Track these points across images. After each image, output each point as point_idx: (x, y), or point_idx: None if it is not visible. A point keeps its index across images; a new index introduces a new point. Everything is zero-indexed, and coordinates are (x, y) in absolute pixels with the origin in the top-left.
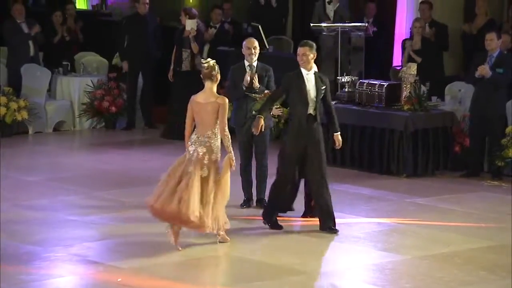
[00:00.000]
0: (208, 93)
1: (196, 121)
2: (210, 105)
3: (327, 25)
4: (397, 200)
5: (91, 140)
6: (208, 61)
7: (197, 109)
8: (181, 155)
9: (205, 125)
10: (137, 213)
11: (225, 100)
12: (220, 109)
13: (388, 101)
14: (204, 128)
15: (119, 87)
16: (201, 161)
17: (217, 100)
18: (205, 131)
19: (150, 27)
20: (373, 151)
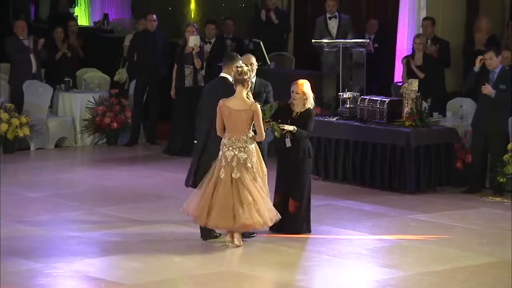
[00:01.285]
0: (240, 98)
1: (227, 125)
2: (244, 112)
3: (329, 41)
4: (399, 216)
5: (92, 156)
6: (242, 66)
7: (227, 114)
8: (180, 171)
9: (239, 130)
10: (139, 229)
11: (258, 107)
12: (255, 116)
13: (389, 117)
14: (237, 132)
15: (120, 103)
16: (244, 165)
17: (251, 108)
18: (240, 135)
19: (159, 44)
20: (375, 167)
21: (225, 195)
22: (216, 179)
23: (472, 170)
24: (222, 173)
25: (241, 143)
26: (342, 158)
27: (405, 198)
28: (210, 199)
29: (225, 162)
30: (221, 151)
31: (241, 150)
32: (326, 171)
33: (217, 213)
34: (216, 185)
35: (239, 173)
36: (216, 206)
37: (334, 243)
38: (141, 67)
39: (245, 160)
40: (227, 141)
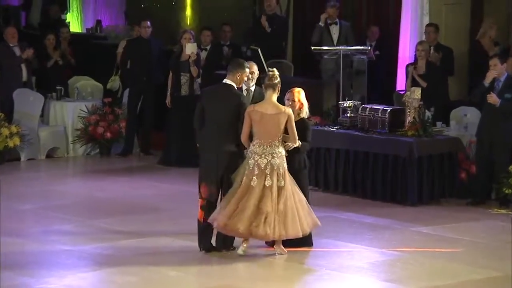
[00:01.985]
0: (271, 103)
1: (258, 131)
2: (278, 117)
3: (329, 48)
4: (401, 229)
5: (85, 167)
6: (273, 70)
7: (258, 119)
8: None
9: (270, 135)
10: (133, 242)
11: (291, 111)
12: (289, 121)
13: (391, 126)
14: (269, 137)
15: (114, 112)
16: (277, 172)
17: (285, 111)
18: (272, 140)
19: (153, 51)
20: (377, 178)
21: (254, 203)
22: (246, 187)
23: (476, 181)
24: (254, 181)
25: (273, 149)
26: (342, 169)
27: (407, 210)
28: (236, 204)
29: (258, 171)
30: (251, 159)
31: (274, 156)
32: (326, 182)
33: (241, 219)
34: (245, 194)
35: (271, 180)
36: (243, 212)
37: (334, 256)
38: (135, 75)
39: (278, 166)
40: (258, 148)
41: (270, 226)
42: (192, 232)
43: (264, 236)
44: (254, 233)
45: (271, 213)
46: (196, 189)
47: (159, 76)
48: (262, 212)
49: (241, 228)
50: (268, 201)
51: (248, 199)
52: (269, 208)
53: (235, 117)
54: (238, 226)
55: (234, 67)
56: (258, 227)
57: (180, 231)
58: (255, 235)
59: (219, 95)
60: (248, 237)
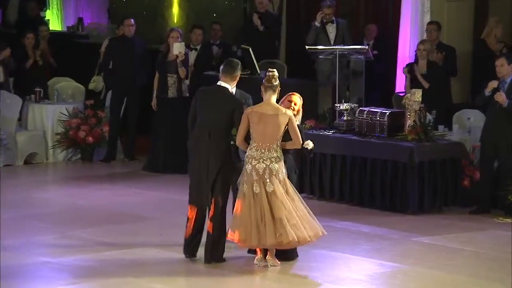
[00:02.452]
0: (271, 104)
1: (256, 133)
2: (279, 117)
3: (324, 48)
4: (401, 239)
5: (66, 174)
6: (273, 71)
7: (256, 120)
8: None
9: (270, 138)
10: (116, 254)
11: (292, 114)
12: (290, 123)
13: (390, 130)
14: (267, 140)
15: (96, 115)
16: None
17: (286, 113)
18: (271, 144)
19: (137, 51)
20: (375, 185)
21: (268, 210)
22: (251, 195)
23: (480, 188)
24: (256, 187)
25: (272, 153)
26: (338, 175)
27: (407, 219)
28: (249, 216)
29: (256, 176)
30: (249, 164)
31: (272, 160)
32: (321, 190)
33: (257, 230)
34: (252, 202)
35: (272, 186)
36: (261, 223)
37: (330, 268)
38: (118, 76)
39: (277, 171)
40: (255, 152)
41: (294, 229)
42: (180, 243)
43: (292, 242)
44: (282, 243)
45: (289, 217)
46: (184, 196)
47: (144, 77)
48: (279, 220)
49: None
50: (280, 207)
51: (260, 210)
52: (284, 212)
53: (229, 122)
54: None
55: (231, 69)
56: (281, 236)
57: (166, 242)
58: (283, 244)
59: (214, 98)
60: (279, 247)
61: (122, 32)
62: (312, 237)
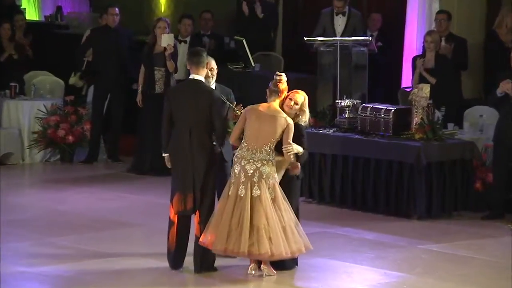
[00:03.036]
0: (273, 106)
1: (250, 133)
2: (277, 118)
3: (324, 39)
4: (407, 247)
5: (44, 176)
6: (281, 75)
7: (253, 117)
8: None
9: (263, 139)
10: (98, 263)
11: (292, 122)
12: (288, 129)
13: (396, 129)
14: (260, 141)
15: (77, 112)
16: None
17: (286, 118)
18: (263, 145)
19: (122, 42)
20: (379, 188)
21: (247, 218)
22: (234, 199)
23: (493, 192)
24: (242, 190)
25: (264, 155)
26: (339, 178)
27: (414, 225)
28: (229, 221)
29: (244, 178)
30: (237, 165)
31: (264, 163)
32: (320, 193)
33: (241, 240)
34: (235, 206)
35: (259, 190)
36: (239, 232)
37: (331, 278)
38: (101, 70)
39: (267, 175)
40: (246, 153)
41: (269, 242)
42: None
43: (263, 254)
44: (252, 253)
45: (267, 228)
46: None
47: (129, 71)
48: (256, 228)
49: (242, 250)
50: (261, 215)
51: (240, 214)
52: (263, 221)
53: (209, 117)
54: (241, 249)
55: (199, 58)
56: (253, 246)
57: (153, 251)
58: (254, 254)
59: (189, 93)
60: (249, 257)
61: (106, 22)
62: (293, 252)
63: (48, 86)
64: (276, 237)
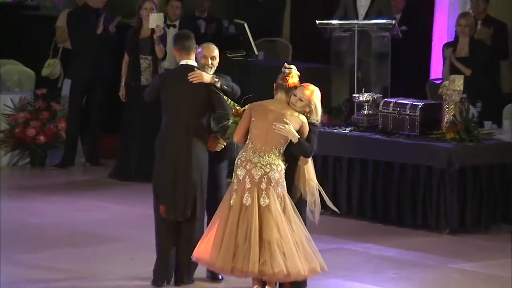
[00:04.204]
0: (283, 103)
1: (257, 132)
2: (289, 117)
3: (339, 22)
4: (436, 266)
5: (11, 182)
6: (290, 68)
7: (261, 116)
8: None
9: (273, 140)
10: (75, 284)
11: (306, 119)
12: (302, 128)
13: (423, 127)
14: (269, 143)
15: (50, 108)
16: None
17: (299, 117)
18: (272, 147)
19: (104, 26)
20: (403, 198)
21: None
22: (238, 210)
23: None
24: (248, 198)
25: (273, 159)
26: (357, 185)
27: (444, 240)
28: (234, 235)
29: (250, 184)
30: (242, 169)
31: (273, 168)
32: (335, 203)
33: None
34: (239, 217)
35: (268, 199)
36: (244, 244)
37: None
38: (79, 59)
39: (277, 182)
40: (251, 155)
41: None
42: None
43: (278, 274)
44: (264, 272)
45: (280, 243)
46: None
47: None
48: (268, 242)
49: (252, 270)
50: (272, 227)
51: (247, 227)
52: (274, 235)
53: (208, 110)
54: (251, 269)
55: (188, 40)
56: (266, 264)
57: (139, 270)
58: (267, 274)
59: (183, 82)
60: (261, 278)
61: (84, 2)
62: (307, 272)
63: (16, 77)
64: (291, 253)
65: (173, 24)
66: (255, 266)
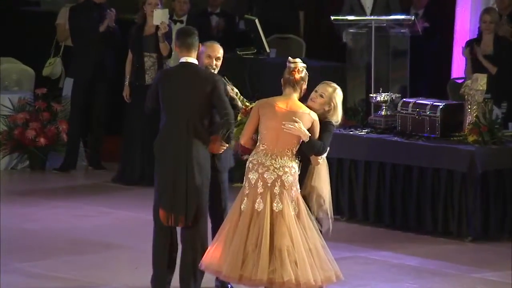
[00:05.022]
0: (292, 100)
1: (267, 135)
2: (301, 117)
3: (356, 18)
4: (458, 275)
5: (9, 186)
6: (295, 61)
7: (270, 115)
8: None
9: (285, 141)
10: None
11: (317, 116)
12: (314, 127)
13: (444, 129)
14: (280, 145)
15: (50, 108)
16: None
17: (310, 114)
18: (285, 148)
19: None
20: (423, 203)
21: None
22: (249, 215)
23: None
24: (260, 203)
25: (286, 161)
26: (374, 190)
27: (467, 248)
28: (244, 242)
29: (263, 188)
30: (254, 172)
31: (287, 170)
32: (351, 208)
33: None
34: (250, 223)
35: (281, 203)
36: (257, 256)
37: None
38: (81, 57)
39: (290, 185)
40: (263, 157)
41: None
42: None
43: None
44: (273, 281)
45: (290, 250)
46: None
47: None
48: (278, 250)
49: (260, 278)
50: (284, 234)
51: (258, 233)
52: (286, 242)
53: (208, 108)
54: (259, 277)
55: (191, 37)
56: (275, 272)
57: (143, 279)
58: (276, 283)
59: (183, 79)
60: (270, 286)
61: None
62: (322, 281)
63: (15, 76)
64: (303, 262)
65: (180, 20)
66: (264, 274)
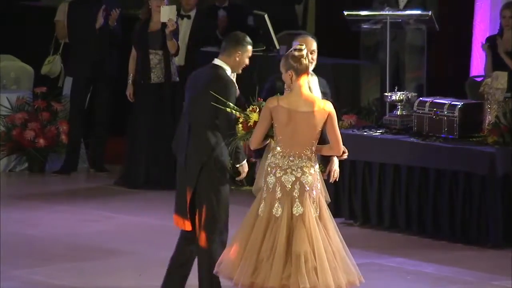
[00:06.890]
0: (304, 95)
1: (283, 136)
2: (314, 115)
3: (369, 13)
4: (477, 283)
5: (8, 190)
6: (300, 47)
7: (285, 119)
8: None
9: (302, 143)
10: None
11: (333, 107)
12: (329, 120)
13: (463, 130)
14: (299, 145)
15: (50, 108)
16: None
17: (324, 108)
18: (303, 149)
19: (105, 21)
20: (441, 207)
21: (282, 243)
22: (266, 220)
23: None
24: (278, 208)
25: (304, 161)
26: (389, 193)
27: (486, 255)
28: (258, 248)
29: (281, 193)
30: (271, 176)
31: (305, 171)
32: (365, 213)
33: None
34: (267, 228)
35: (301, 207)
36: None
37: None
38: (79, 55)
39: (311, 186)
40: (280, 160)
41: (308, 274)
42: None
43: None
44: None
45: (308, 256)
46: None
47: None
48: (296, 256)
49: (272, 285)
50: (303, 239)
51: (274, 239)
52: (304, 247)
53: (214, 112)
54: (271, 283)
55: (230, 44)
56: (289, 278)
57: (147, 286)
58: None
59: (200, 80)
60: None
61: None
62: (346, 285)
63: (13, 74)
64: (323, 268)
65: (188, 15)
66: (276, 281)
